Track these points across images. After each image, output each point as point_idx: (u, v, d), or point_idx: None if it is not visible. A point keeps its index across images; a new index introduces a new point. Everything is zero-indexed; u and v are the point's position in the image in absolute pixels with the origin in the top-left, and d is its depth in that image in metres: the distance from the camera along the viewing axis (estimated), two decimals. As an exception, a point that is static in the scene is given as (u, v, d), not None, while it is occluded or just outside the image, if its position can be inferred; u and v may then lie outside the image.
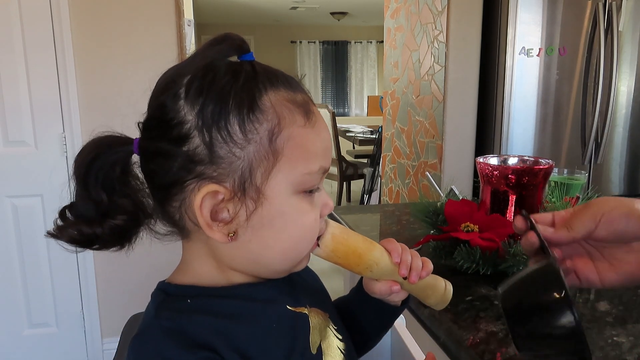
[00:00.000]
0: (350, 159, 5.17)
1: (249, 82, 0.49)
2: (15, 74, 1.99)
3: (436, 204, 1.16)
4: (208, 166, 0.49)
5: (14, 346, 2.18)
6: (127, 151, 0.52)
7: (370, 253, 0.58)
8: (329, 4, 7.10)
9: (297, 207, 0.52)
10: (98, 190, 0.51)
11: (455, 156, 2.41)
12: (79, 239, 0.51)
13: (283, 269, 0.55)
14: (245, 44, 0.52)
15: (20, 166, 2.06)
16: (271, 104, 0.50)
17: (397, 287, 0.60)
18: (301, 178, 0.51)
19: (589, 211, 0.55)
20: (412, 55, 2.71)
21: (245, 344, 0.50)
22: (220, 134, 0.48)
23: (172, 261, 0.59)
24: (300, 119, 0.51)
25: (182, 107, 0.49)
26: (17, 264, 2.12)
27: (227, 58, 0.51)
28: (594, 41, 2.20)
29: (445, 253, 1.02)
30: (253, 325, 0.52)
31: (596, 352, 0.70)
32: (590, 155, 2.30)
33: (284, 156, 0.50)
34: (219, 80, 0.49)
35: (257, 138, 0.49)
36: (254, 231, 0.51)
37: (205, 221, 0.49)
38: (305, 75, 0.62)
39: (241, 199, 0.49)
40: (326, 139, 0.54)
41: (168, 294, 0.54)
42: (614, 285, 0.56)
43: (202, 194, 0.48)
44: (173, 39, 2.09)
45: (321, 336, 0.58)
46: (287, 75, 0.54)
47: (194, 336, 0.48)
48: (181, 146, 0.48)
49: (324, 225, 0.56)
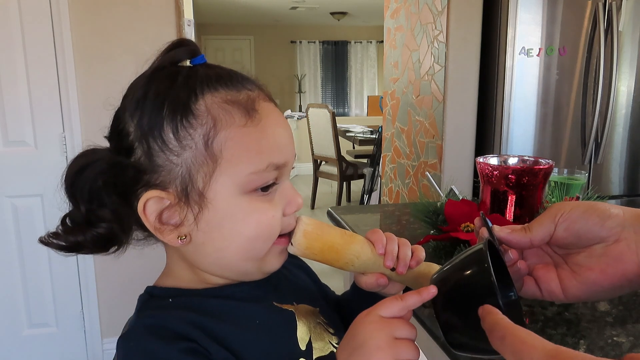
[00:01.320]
0: (350, 159, 5.17)
1: (183, 88, 0.50)
2: (15, 73, 1.99)
3: (436, 204, 1.16)
4: (151, 175, 0.50)
5: (14, 346, 2.18)
6: (108, 163, 0.54)
7: (349, 247, 0.56)
8: (329, 4, 7.10)
9: (248, 207, 0.51)
10: (82, 200, 0.53)
11: (455, 156, 2.41)
12: (66, 246, 0.53)
13: (249, 270, 0.55)
14: (197, 48, 0.53)
15: (20, 166, 2.06)
16: (206, 108, 0.50)
17: (384, 279, 0.58)
18: (247, 178, 0.50)
19: (548, 212, 0.52)
20: (412, 55, 2.71)
21: (225, 339, 0.51)
22: (156, 143, 0.49)
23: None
24: (240, 119, 0.50)
25: (127, 119, 0.51)
26: (17, 264, 2.12)
27: (180, 63, 0.53)
28: (594, 41, 2.20)
29: (445, 253, 1.02)
30: (233, 322, 0.53)
31: (596, 352, 0.70)
32: (590, 155, 2.30)
33: (223, 159, 0.50)
34: (154, 89, 0.50)
35: (192, 144, 0.49)
36: (205, 234, 0.51)
37: (153, 225, 0.51)
38: (305, 75, 0.62)
39: (186, 203, 0.50)
40: (277, 134, 0.53)
41: (152, 295, 0.56)
42: (577, 296, 0.51)
43: (143, 200, 0.50)
44: (173, 39, 2.08)
45: (310, 332, 0.58)
46: (234, 73, 0.53)
47: (175, 329, 0.50)
48: (130, 157, 0.51)
49: (294, 221, 0.55)
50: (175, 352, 0.48)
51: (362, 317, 0.48)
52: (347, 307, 0.69)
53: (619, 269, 0.48)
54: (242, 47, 8.56)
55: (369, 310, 0.48)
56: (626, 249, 0.48)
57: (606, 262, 0.48)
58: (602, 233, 0.49)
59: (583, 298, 0.51)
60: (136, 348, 0.50)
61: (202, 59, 0.53)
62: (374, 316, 0.47)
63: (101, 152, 0.54)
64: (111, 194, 0.52)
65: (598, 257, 0.49)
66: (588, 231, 0.49)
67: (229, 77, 0.52)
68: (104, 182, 0.52)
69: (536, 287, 0.53)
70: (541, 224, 0.51)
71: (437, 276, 0.49)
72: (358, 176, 4.93)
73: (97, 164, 0.53)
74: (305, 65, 9.04)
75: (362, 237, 0.58)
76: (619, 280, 0.48)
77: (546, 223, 0.51)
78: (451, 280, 0.48)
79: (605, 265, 0.49)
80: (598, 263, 0.49)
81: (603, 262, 0.49)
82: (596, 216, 0.49)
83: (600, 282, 0.49)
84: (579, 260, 0.51)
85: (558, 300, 0.52)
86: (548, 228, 0.51)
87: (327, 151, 4.90)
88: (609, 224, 0.49)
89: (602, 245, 0.49)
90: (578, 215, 0.50)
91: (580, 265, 0.50)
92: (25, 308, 2.17)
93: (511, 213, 1.02)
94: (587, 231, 0.49)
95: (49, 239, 0.54)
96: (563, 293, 0.51)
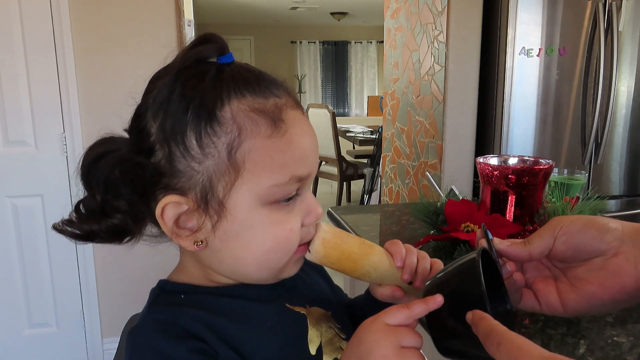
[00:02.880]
0: (350, 159, 5.17)
1: (209, 92, 0.48)
2: (15, 74, 1.99)
3: (436, 204, 1.16)
4: (171, 179, 0.49)
5: (14, 346, 2.18)
6: (126, 157, 0.52)
7: (367, 258, 0.55)
8: (329, 4, 7.10)
9: (268, 219, 0.50)
10: (98, 190, 0.52)
11: (455, 156, 2.41)
12: (80, 234, 0.53)
13: (263, 278, 0.54)
14: (225, 45, 0.51)
15: (20, 166, 2.06)
16: (232, 115, 0.48)
17: (400, 292, 0.57)
18: (268, 191, 0.49)
19: (547, 226, 0.52)
20: (412, 56, 2.71)
21: (234, 340, 0.51)
22: (178, 148, 0.48)
23: (172, 262, 0.60)
24: (266, 129, 0.49)
25: (149, 118, 0.50)
26: (17, 264, 2.12)
27: (207, 59, 0.51)
28: (594, 41, 2.20)
29: (445, 253, 1.02)
30: (244, 323, 0.53)
31: (596, 352, 0.70)
32: (590, 155, 2.30)
33: (245, 169, 0.48)
34: (179, 91, 0.48)
35: (215, 152, 0.48)
36: (222, 242, 0.51)
37: (170, 229, 0.50)
38: (305, 76, 0.61)
39: (205, 211, 0.49)
40: (302, 146, 0.51)
41: (164, 290, 0.55)
42: (577, 310, 0.51)
43: (162, 205, 0.49)
44: (173, 39, 2.09)
45: (322, 336, 0.58)
46: (262, 76, 0.51)
47: (185, 326, 0.49)
48: (150, 158, 0.49)
49: (314, 230, 0.54)
50: (184, 351, 0.47)
51: (368, 324, 0.47)
52: (360, 313, 0.67)
53: (617, 283, 0.48)
54: (242, 47, 8.56)
55: (375, 318, 0.47)
56: (625, 262, 0.48)
57: (605, 275, 0.49)
58: (601, 247, 0.49)
59: (582, 312, 0.51)
60: (145, 344, 0.49)
61: (229, 58, 0.51)
62: (379, 324, 0.46)
63: (120, 141, 0.52)
64: (128, 187, 0.51)
65: (597, 270, 0.49)
66: (587, 245, 0.50)
67: (256, 81, 0.50)
68: (120, 174, 0.51)
69: (535, 300, 0.53)
70: (540, 237, 0.52)
71: (430, 283, 0.49)
72: (358, 176, 4.93)
73: (115, 154, 0.51)
74: (306, 66, 9.04)
75: (380, 248, 0.57)
76: (618, 293, 0.48)
77: (545, 236, 0.51)
78: (443, 287, 0.48)
79: (604, 279, 0.49)
80: (597, 277, 0.49)
81: (602, 276, 0.49)
82: (595, 230, 0.49)
83: (599, 295, 0.49)
84: (578, 273, 0.51)
85: (557, 313, 0.52)
86: (547, 241, 0.51)
87: (327, 151, 4.90)
88: (608, 237, 0.49)
89: (601, 258, 0.49)
90: (577, 228, 0.50)
91: (579, 279, 0.51)
92: (25, 308, 2.17)
93: (511, 213, 1.02)
94: (586, 245, 0.50)
95: (62, 226, 0.53)
96: (562, 306, 0.51)
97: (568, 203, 1.04)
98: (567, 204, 1.04)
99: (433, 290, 0.48)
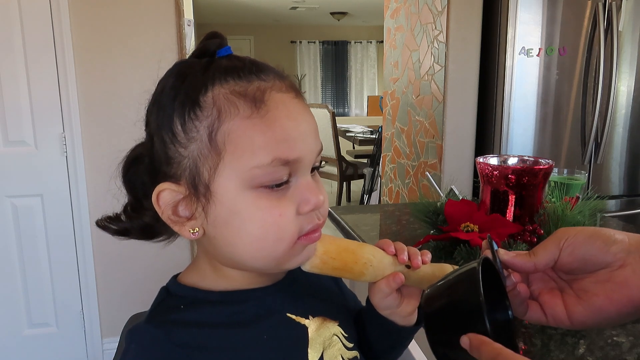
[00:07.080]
0: (350, 159, 5.17)
1: (196, 80, 0.50)
2: (15, 74, 1.99)
3: (436, 204, 1.16)
4: (166, 167, 0.51)
5: (14, 346, 2.18)
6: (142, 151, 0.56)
7: (364, 247, 0.57)
8: (329, 4, 7.10)
9: (254, 205, 0.49)
10: (130, 190, 0.56)
11: (455, 156, 2.41)
12: (117, 230, 0.56)
13: (261, 266, 0.54)
14: (223, 40, 0.52)
15: (20, 166, 2.06)
16: (212, 99, 0.49)
17: (401, 277, 0.57)
18: (250, 172, 0.48)
19: (552, 237, 0.52)
20: (412, 55, 2.71)
21: (227, 357, 0.52)
22: (167, 135, 0.50)
23: (172, 261, 0.60)
24: (245, 110, 0.48)
25: (150, 111, 0.53)
26: (17, 264, 2.12)
27: (207, 54, 0.53)
28: (594, 41, 2.20)
29: (445, 253, 1.02)
30: (242, 334, 0.53)
31: (596, 352, 0.70)
32: (590, 155, 2.30)
33: (226, 151, 0.48)
34: (172, 82, 0.51)
35: (198, 136, 0.49)
36: (214, 228, 0.51)
37: (168, 217, 0.52)
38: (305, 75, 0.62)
39: (196, 196, 0.51)
40: (286, 127, 0.49)
41: (169, 292, 0.57)
42: (583, 322, 0.50)
43: (157, 192, 0.51)
44: (173, 39, 2.09)
45: (324, 347, 0.57)
46: (254, 64, 0.51)
47: (177, 344, 0.51)
48: (152, 148, 0.52)
49: (316, 219, 0.53)
50: None
51: None
52: (362, 324, 0.66)
53: (624, 295, 0.47)
54: (242, 47, 8.55)
55: None
56: (631, 274, 0.47)
57: (611, 287, 0.48)
58: (607, 258, 0.48)
59: (589, 324, 0.50)
60: (136, 353, 0.52)
61: (227, 50, 0.52)
62: None
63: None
64: (150, 185, 0.53)
65: (603, 282, 0.49)
66: (593, 256, 0.49)
67: (243, 67, 0.50)
68: (139, 172, 0.55)
69: (541, 312, 0.53)
70: (545, 248, 0.51)
71: (430, 291, 0.49)
72: (358, 176, 4.93)
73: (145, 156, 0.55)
74: (305, 65, 9.04)
75: (371, 245, 0.59)
76: (625, 306, 0.48)
77: (551, 248, 0.51)
78: (443, 294, 0.48)
79: (610, 291, 0.48)
80: (603, 289, 0.49)
81: (608, 288, 0.48)
82: (601, 241, 0.49)
83: (606, 308, 0.48)
84: (584, 285, 0.50)
85: (564, 326, 0.51)
86: (552, 253, 0.51)
87: (327, 151, 4.90)
88: (614, 249, 0.48)
89: (607, 270, 0.49)
90: (582, 240, 0.50)
91: (585, 291, 0.50)
92: (25, 308, 2.17)
93: (511, 213, 1.02)
94: (592, 256, 0.49)
95: (103, 222, 0.56)
96: (569, 319, 0.51)
97: (568, 203, 1.04)
98: (567, 203, 1.04)
99: (433, 297, 0.48)
